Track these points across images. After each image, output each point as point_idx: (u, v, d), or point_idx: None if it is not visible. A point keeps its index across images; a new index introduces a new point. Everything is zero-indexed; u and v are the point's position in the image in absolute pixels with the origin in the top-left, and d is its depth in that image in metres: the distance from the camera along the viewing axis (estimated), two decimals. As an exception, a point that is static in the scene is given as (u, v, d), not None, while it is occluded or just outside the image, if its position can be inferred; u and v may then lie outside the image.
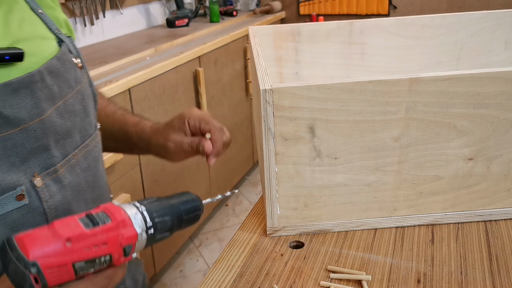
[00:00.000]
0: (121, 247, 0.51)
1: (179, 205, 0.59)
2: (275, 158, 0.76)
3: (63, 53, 0.67)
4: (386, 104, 0.73)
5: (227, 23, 2.93)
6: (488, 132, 0.77)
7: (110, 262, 0.51)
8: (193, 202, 0.61)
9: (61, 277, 0.48)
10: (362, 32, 1.17)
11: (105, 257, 0.50)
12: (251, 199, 2.92)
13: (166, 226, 0.56)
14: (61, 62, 0.66)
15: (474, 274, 0.72)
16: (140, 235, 0.52)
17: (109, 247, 0.50)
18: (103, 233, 0.50)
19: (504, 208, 0.83)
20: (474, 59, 1.20)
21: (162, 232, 0.55)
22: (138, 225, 0.52)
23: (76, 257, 0.48)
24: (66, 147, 0.64)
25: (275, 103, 0.72)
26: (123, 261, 0.53)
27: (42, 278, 0.46)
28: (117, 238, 0.50)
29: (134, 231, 0.52)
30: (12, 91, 0.56)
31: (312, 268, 0.75)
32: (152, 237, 0.54)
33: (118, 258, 0.52)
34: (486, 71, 0.72)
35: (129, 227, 0.51)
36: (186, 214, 0.59)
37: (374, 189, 0.80)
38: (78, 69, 0.70)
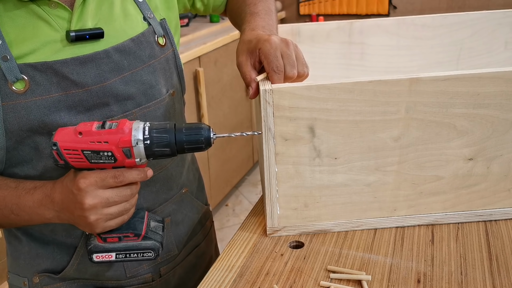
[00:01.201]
0: (120, 148, 0.67)
1: (181, 130, 0.70)
2: (275, 158, 0.76)
3: (141, 35, 0.82)
4: (386, 104, 0.74)
5: (227, 23, 2.93)
6: (488, 132, 0.77)
7: (115, 159, 0.68)
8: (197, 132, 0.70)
9: (77, 160, 0.68)
10: (362, 32, 1.17)
11: (107, 152, 0.67)
12: (251, 199, 2.92)
13: (162, 142, 0.68)
14: (136, 43, 0.81)
15: (474, 274, 0.72)
16: (134, 142, 0.67)
17: (109, 145, 0.67)
18: (106, 134, 0.67)
19: (504, 208, 0.83)
20: (474, 59, 1.20)
21: (160, 146, 0.68)
22: (135, 135, 0.67)
23: (84, 146, 0.67)
24: (127, 105, 0.80)
25: (275, 103, 0.72)
26: (129, 163, 0.69)
27: (61, 156, 0.68)
28: (115, 139, 0.67)
29: (129, 137, 0.67)
30: (80, 63, 0.75)
31: (312, 268, 0.75)
32: (148, 149, 0.68)
33: (121, 158, 0.68)
34: (486, 71, 0.72)
35: (127, 134, 0.67)
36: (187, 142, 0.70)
37: (374, 189, 0.80)
38: (159, 46, 0.85)
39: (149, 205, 0.88)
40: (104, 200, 0.70)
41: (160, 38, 0.85)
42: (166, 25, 0.87)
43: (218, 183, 2.68)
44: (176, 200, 0.94)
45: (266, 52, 0.75)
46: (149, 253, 0.76)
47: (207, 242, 1.07)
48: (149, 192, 0.88)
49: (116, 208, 0.71)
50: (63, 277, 0.87)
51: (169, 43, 0.87)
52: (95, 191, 0.69)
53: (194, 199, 1.00)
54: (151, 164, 0.85)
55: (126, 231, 0.75)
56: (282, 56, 0.75)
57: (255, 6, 0.93)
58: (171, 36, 0.88)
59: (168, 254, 0.94)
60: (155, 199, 0.89)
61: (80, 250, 0.85)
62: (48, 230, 0.84)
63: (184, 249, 0.98)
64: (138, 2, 0.84)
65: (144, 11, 0.84)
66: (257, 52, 0.77)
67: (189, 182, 0.99)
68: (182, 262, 0.99)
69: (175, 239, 0.95)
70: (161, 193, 0.90)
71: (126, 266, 0.89)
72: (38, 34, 0.73)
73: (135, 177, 0.71)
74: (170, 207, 0.93)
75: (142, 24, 0.83)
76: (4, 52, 0.71)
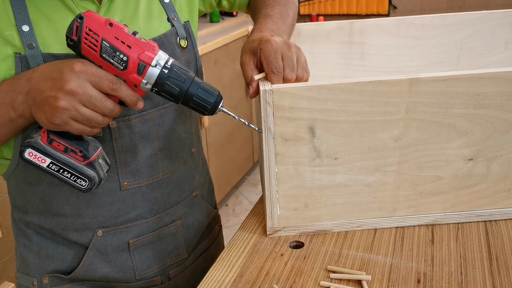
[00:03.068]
0: (138, 60, 0.66)
1: (198, 83, 0.69)
2: (275, 159, 0.76)
3: (164, 36, 0.82)
4: (386, 105, 0.74)
5: (227, 23, 2.93)
6: (488, 132, 0.77)
7: (125, 67, 0.66)
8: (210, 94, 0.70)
9: (90, 45, 0.65)
10: (362, 32, 1.17)
11: (124, 55, 0.66)
12: (251, 199, 2.92)
13: (177, 80, 0.68)
14: (158, 42, 0.80)
15: (474, 274, 0.72)
16: (154, 62, 0.66)
17: (130, 50, 0.66)
18: (134, 40, 0.66)
19: (504, 208, 0.83)
20: (474, 59, 1.20)
21: (172, 82, 0.68)
22: (159, 59, 0.67)
23: (107, 37, 0.65)
24: (145, 105, 0.78)
25: (275, 103, 0.72)
26: (133, 78, 0.67)
27: (80, 32, 0.65)
28: (139, 49, 0.66)
29: (152, 56, 0.66)
30: None
31: (312, 268, 0.75)
32: (162, 78, 0.67)
33: (132, 70, 0.66)
34: (486, 71, 0.72)
35: (151, 53, 0.66)
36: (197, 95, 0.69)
37: (374, 190, 0.80)
38: (180, 48, 0.85)
39: (160, 206, 0.88)
40: (86, 96, 0.65)
41: (182, 40, 0.85)
42: (189, 27, 0.88)
43: (218, 183, 2.68)
44: (188, 203, 0.94)
45: (266, 53, 0.75)
46: (83, 182, 0.71)
47: (216, 246, 1.07)
48: (161, 194, 0.88)
49: (88, 112, 0.66)
50: (72, 278, 0.87)
51: (191, 45, 0.88)
52: (84, 81, 0.65)
53: (204, 203, 1.00)
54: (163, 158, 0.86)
55: (77, 146, 0.70)
56: (282, 58, 0.75)
57: (272, 9, 0.92)
58: (194, 39, 0.88)
59: (177, 257, 0.94)
60: (167, 201, 0.89)
61: (91, 251, 0.85)
62: (60, 229, 0.84)
63: (193, 253, 0.98)
64: (164, 3, 0.84)
65: (169, 12, 0.85)
66: (258, 52, 0.77)
67: (200, 186, 0.98)
68: (191, 266, 0.99)
69: (185, 243, 0.95)
70: (173, 195, 0.90)
71: (136, 268, 0.89)
72: (65, 24, 0.73)
73: (127, 95, 0.68)
74: (182, 210, 0.93)
75: (166, 25, 0.84)
76: (30, 40, 0.72)
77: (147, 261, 0.90)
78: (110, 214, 0.84)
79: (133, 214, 0.86)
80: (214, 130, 2.60)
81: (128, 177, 0.83)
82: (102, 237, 0.85)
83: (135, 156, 0.83)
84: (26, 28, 0.72)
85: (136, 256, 0.89)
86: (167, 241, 0.92)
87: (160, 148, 0.85)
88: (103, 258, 0.86)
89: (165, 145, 0.86)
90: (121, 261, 0.88)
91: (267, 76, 0.75)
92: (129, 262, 0.88)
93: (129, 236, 0.87)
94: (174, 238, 0.93)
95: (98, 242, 0.85)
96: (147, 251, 0.90)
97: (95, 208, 0.83)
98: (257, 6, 0.97)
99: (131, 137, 0.81)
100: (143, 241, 0.89)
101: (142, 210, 0.86)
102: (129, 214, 0.86)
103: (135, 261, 0.89)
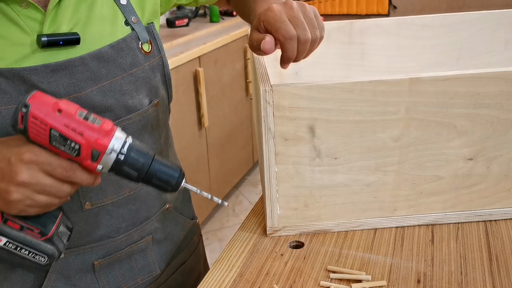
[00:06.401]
0: (91, 147, 0.61)
1: (159, 163, 0.65)
2: (275, 158, 0.76)
3: (123, 41, 0.75)
4: (386, 104, 0.74)
5: (227, 23, 2.94)
6: (488, 132, 0.77)
7: (78, 154, 0.61)
8: (172, 174, 0.66)
9: (38, 133, 0.60)
10: (362, 32, 1.17)
11: (75, 144, 0.61)
12: (251, 199, 2.92)
13: (135, 165, 0.64)
14: (116, 49, 0.74)
15: (474, 274, 0.72)
16: (109, 150, 0.62)
17: (82, 139, 0.61)
18: (85, 127, 0.61)
19: (504, 208, 0.83)
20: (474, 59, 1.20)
21: (130, 167, 0.64)
22: (114, 144, 0.62)
23: (56, 126, 0.60)
24: (105, 116, 0.72)
25: (275, 103, 0.72)
26: (88, 164, 0.62)
27: (25, 121, 0.59)
28: (92, 137, 0.61)
29: (106, 144, 0.61)
30: (51, 71, 0.68)
31: (312, 268, 0.75)
32: (118, 163, 0.63)
33: (85, 157, 0.62)
34: (486, 71, 0.72)
35: (105, 139, 0.62)
36: (157, 176, 0.65)
37: (374, 189, 0.80)
38: (142, 54, 0.78)
39: (127, 224, 0.82)
40: (39, 185, 0.61)
41: (145, 45, 0.78)
42: (154, 30, 0.81)
43: (218, 183, 2.68)
44: (159, 218, 0.88)
45: (271, 21, 0.69)
46: (42, 258, 0.68)
47: (194, 259, 1.01)
48: (128, 211, 0.82)
49: (44, 199, 0.62)
50: None
51: (156, 49, 0.81)
52: (36, 171, 0.60)
53: (178, 215, 0.94)
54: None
55: (34, 224, 0.67)
56: (289, 20, 0.68)
57: None
58: (159, 42, 0.82)
59: (149, 274, 0.88)
60: (135, 217, 0.83)
61: (52, 274, 0.79)
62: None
63: (168, 268, 0.92)
64: (120, 5, 0.77)
65: (128, 14, 0.77)
66: (262, 25, 0.71)
67: (172, 197, 0.92)
68: (167, 282, 0.93)
69: (157, 258, 0.89)
70: (141, 211, 0.84)
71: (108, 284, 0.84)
72: (5, 36, 0.67)
73: (83, 180, 0.63)
74: (152, 226, 0.86)
75: (124, 29, 0.76)
76: None
77: (115, 281, 0.84)
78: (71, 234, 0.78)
79: (98, 234, 0.80)
80: (214, 130, 2.60)
81: (90, 196, 0.77)
82: (64, 259, 0.79)
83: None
84: None
85: (102, 277, 0.83)
86: (136, 258, 0.86)
87: None
88: (66, 282, 0.80)
89: None
90: (85, 283, 0.82)
91: (281, 46, 0.69)
92: (95, 284, 0.82)
93: (94, 257, 0.81)
94: (144, 255, 0.87)
95: (59, 264, 0.79)
96: (115, 270, 0.84)
97: None
98: None
99: None
100: (110, 261, 0.83)
101: (108, 230, 0.80)
102: (93, 234, 0.79)
103: (102, 283, 0.83)
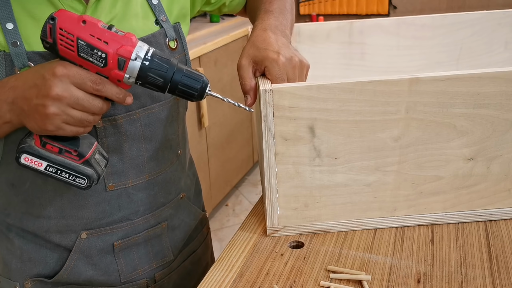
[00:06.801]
0: (117, 55, 0.64)
1: (182, 70, 0.68)
2: (275, 158, 0.76)
3: (152, 36, 0.81)
4: (386, 104, 0.74)
5: (227, 23, 2.94)
6: (488, 132, 0.77)
7: (105, 63, 0.64)
8: (196, 79, 0.68)
9: (66, 46, 0.64)
10: (362, 32, 1.17)
11: (102, 53, 0.64)
12: (251, 199, 2.92)
13: (159, 70, 0.66)
14: (146, 42, 0.76)
15: (474, 274, 0.72)
16: (134, 56, 0.64)
17: (108, 46, 0.64)
18: (110, 35, 0.64)
19: (504, 208, 0.83)
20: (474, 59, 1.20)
21: (155, 74, 0.66)
22: (138, 51, 0.65)
23: (82, 35, 0.63)
24: (131, 105, 0.77)
25: (275, 103, 0.72)
26: (116, 74, 0.65)
27: (53, 33, 0.63)
28: (117, 44, 0.64)
29: (131, 50, 0.64)
30: None
31: (312, 268, 0.75)
32: (144, 70, 0.65)
33: (112, 66, 0.64)
34: (486, 71, 0.72)
35: (130, 46, 0.64)
36: (182, 82, 0.68)
37: (374, 189, 0.80)
38: (169, 49, 0.84)
39: (145, 208, 0.87)
40: (73, 98, 0.64)
41: (171, 42, 0.84)
42: (180, 29, 0.87)
43: (218, 183, 2.68)
44: (174, 205, 0.93)
45: (273, 74, 0.76)
46: (82, 180, 0.71)
47: (203, 249, 1.06)
48: (147, 195, 0.87)
49: (79, 114, 0.66)
50: (55, 282, 0.85)
51: (181, 47, 0.87)
52: (68, 84, 0.64)
53: (191, 205, 0.99)
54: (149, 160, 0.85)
55: (71, 146, 0.70)
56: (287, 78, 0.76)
57: (270, 4, 0.92)
58: (184, 41, 0.87)
59: (163, 259, 0.93)
60: (153, 202, 0.88)
61: (74, 254, 0.84)
62: (42, 232, 0.83)
63: (180, 255, 0.97)
64: (152, 5, 0.83)
65: (158, 13, 0.84)
66: (262, 67, 0.77)
67: (186, 188, 0.97)
68: (178, 268, 0.98)
69: (171, 245, 0.94)
70: (159, 197, 0.89)
71: (121, 270, 0.88)
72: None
73: (113, 94, 0.67)
74: (167, 212, 0.92)
75: (153, 26, 0.83)
76: (14, 38, 0.70)
77: (133, 263, 0.89)
78: (94, 215, 0.83)
79: (118, 215, 0.85)
80: (214, 130, 2.60)
81: (114, 178, 0.82)
82: (86, 239, 0.84)
83: (121, 157, 0.82)
84: (10, 26, 0.70)
85: (121, 259, 0.88)
86: (152, 243, 0.91)
87: (146, 149, 0.84)
88: (87, 261, 0.85)
89: (151, 146, 0.85)
90: (105, 264, 0.87)
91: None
92: (114, 265, 0.87)
93: (114, 238, 0.86)
94: (159, 240, 0.92)
95: (82, 244, 0.84)
96: (133, 253, 0.89)
97: (79, 209, 0.82)
98: (255, 6, 0.97)
99: (117, 137, 0.80)
100: (128, 243, 0.88)
101: (128, 212, 0.85)
102: (114, 216, 0.84)
103: (120, 264, 0.88)
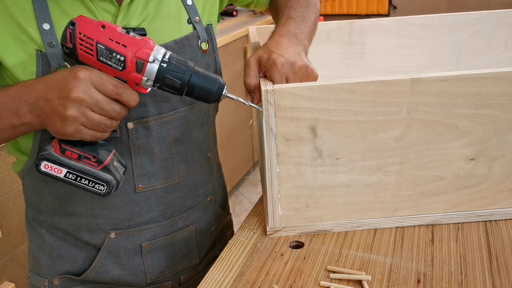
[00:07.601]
0: (135, 58, 0.66)
1: (199, 73, 0.69)
2: (277, 159, 0.76)
3: (185, 38, 0.82)
4: (387, 105, 0.74)
5: (227, 23, 2.93)
6: (489, 132, 0.77)
7: (124, 66, 0.66)
8: (213, 82, 0.69)
9: (86, 50, 0.66)
10: (362, 32, 1.17)
11: (120, 56, 0.65)
12: (251, 199, 2.92)
13: (177, 73, 0.67)
14: (179, 45, 0.81)
15: (474, 274, 0.72)
16: (152, 58, 0.66)
17: (126, 50, 0.65)
18: (128, 38, 0.66)
19: (505, 208, 0.83)
20: (474, 59, 1.21)
21: (172, 76, 0.67)
22: (156, 53, 0.66)
23: (101, 40, 0.65)
24: (163, 107, 0.80)
25: (277, 103, 0.72)
26: (134, 77, 0.67)
27: (73, 38, 0.66)
28: (135, 47, 0.66)
29: (149, 52, 0.66)
30: None
31: (312, 268, 0.75)
32: (161, 72, 0.67)
33: (130, 69, 0.66)
34: (487, 71, 0.72)
35: (147, 49, 0.66)
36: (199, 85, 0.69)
37: (376, 190, 0.80)
38: (201, 51, 0.84)
39: (174, 210, 0.88)
40: (93, 101, 0.65)
41: (203, 44, 0.85)
42: (212, 31, 0.87)
43: (217, 182, 2.68)
44: (201, 208, 0.93)
45: (271, 76, 0.76)
46: (101, 186, 0.71)
47: None
48: (175, 198, 0.87)
49: (97, 117, 0.66)
50: (83, 280, 0.87)
51: (212, 49, 0.87)
52: (89, 86, 0.65)
53: (218, 208, 0.99)
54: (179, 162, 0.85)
55: (90, 152, 0.71)
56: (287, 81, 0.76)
57: (294, 10, 0.92)
58: (215, 42, 0.88)
59: (189, 262, 0.94)
60: (181, 205, 0.89)
61: (103, 253, 0.85)
62: (73, 229, 0.84)
63: (205, 258, 0.98)
64: (186, 5, 0.83)
65: (191, 14, 0.84)
66: (263, 69, 0.78)
67: (214, 191, 0.98)
68: (203, 272, 0.98)
69: (197, 248, 0.95)
70: (187, 199, 0.89)
71: (148, 271, 0.89)
72: None
73: (132, 99, 0.68)
74: (195, 215, 0.92)
75: (187, 27, 0.83)
76: (51, 38, 0.71)
77: (159, 265, 0.90)
78: (123, 216, 0.84)
79: (147, 217, 0.86)
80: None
81: (143, 179, 0.83)
82: (115, 239, 0.85)
83: (151, 159, 0.82)
84: (46, 26, 0.71)
85: (148, 260, 0.88)
86: (179, 246, 0.92)
87: (176, 151, 0.85)
88: (115, 261, 0.86)
89: (181, 149, 0.85)
90: (132, 264, 0.88)
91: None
92: (141, 266, 0.88)
93: (142, 239, 0.87)
94: (186, 243, 0.93)
95: (110, 244, 0.85)
96: (159, 255, 0.90)
97: (109, 209, 0.83)
98: (279, 7, 0.97)
99: (148, 139, 0.81)
100: (156, 245, 0.89)
101: (156, 214, 0.86)
102: (143, 217, 0.85)
103: (147, 265, 0.89)
